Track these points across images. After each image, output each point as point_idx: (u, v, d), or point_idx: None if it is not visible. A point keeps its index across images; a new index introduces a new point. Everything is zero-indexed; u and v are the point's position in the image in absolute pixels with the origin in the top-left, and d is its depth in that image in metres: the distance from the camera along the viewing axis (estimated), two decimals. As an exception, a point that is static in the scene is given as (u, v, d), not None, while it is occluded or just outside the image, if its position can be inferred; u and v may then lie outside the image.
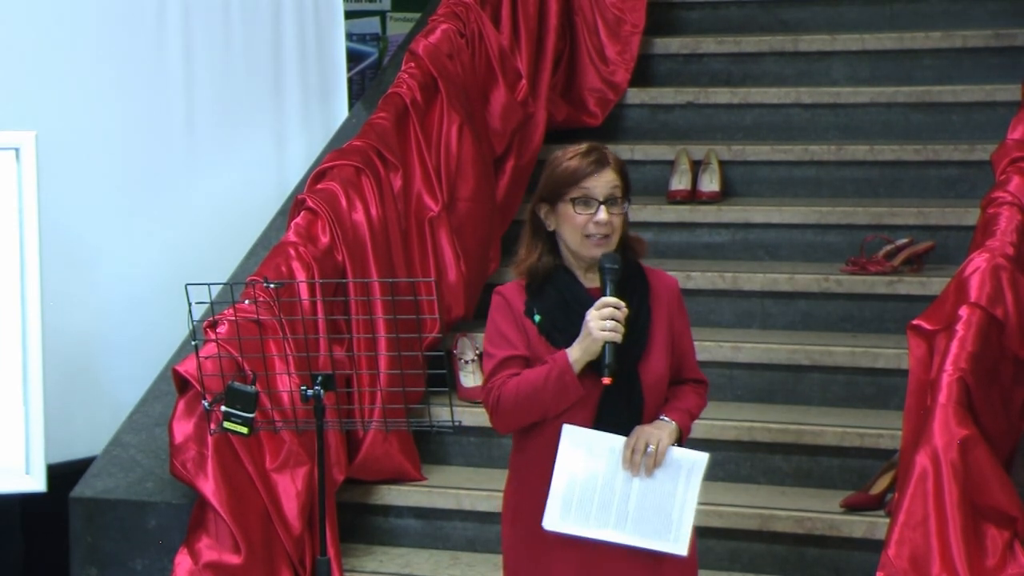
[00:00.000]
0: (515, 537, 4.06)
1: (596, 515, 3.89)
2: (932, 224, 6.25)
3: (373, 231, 5.90)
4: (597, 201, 3.94)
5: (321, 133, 6.89)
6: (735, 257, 6.48)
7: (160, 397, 5.81)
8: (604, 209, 3.94)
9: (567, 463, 3.88)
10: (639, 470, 3.90)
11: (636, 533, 3.89)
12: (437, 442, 5.97)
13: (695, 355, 4.15)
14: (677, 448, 3.94)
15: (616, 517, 3.89)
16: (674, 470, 3.90)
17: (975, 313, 4.88)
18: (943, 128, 6.67)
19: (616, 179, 3.98)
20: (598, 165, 3.96)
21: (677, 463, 3.91)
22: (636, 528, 3.89)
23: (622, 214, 3.98)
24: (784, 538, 5.35)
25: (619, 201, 3.97)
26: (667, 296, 4.05)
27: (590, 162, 3.96)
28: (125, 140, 6.29)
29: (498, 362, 3.96)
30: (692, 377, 4.12)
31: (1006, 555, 4.65)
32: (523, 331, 3.97)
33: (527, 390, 3.89)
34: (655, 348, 3.99)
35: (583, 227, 3.94)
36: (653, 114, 7.07)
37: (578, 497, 3.89)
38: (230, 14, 6.65)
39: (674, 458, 3.91)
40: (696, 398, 4.11)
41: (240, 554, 5.22)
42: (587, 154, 3.98)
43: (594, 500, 3.88)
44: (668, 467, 3.91)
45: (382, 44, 9.03)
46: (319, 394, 4.47)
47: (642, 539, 3.90)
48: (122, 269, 6.23)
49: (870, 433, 5.52)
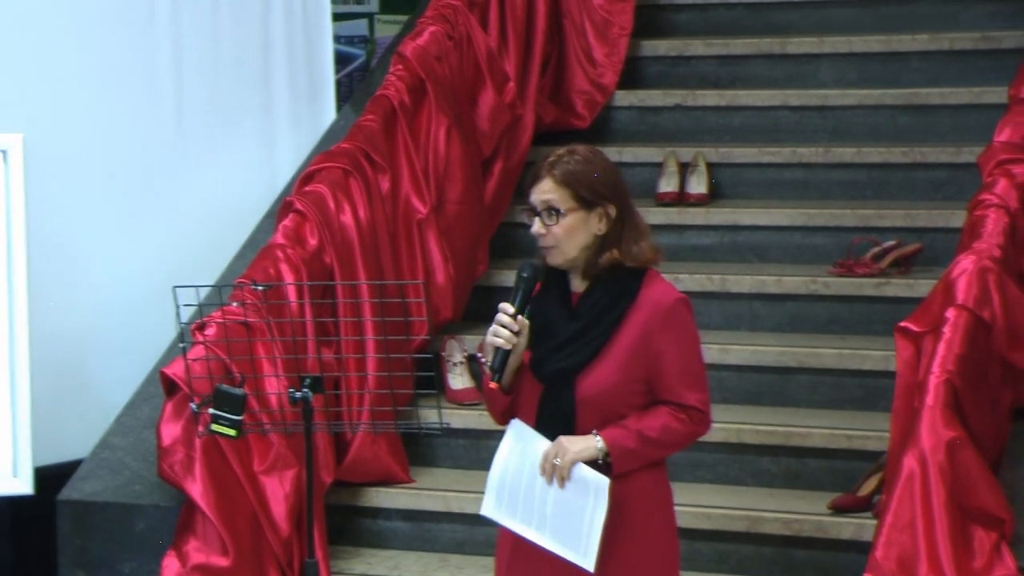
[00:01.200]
0: (502, 537, 4.07)
1: (522, 511, 3.95)
2: (919, 226, 6.26)
3: (361, 233, 5.90)
4: (534, 211, 3.95)
5: (309, 135, 6.89)
6: (723, 259, 6.49)
7: (148, 399, 5.80)
8: (538, 221, 3.93)
9: (505, 454, 3.97)
10: (551, 480, 3.91)
11: (553, 538, 3.92)
12: (425, 444, 5.97)
13: (686, 379, 3.94)
14: (584, 467, 3.89)
15: (537, 518, 3.93)
16: (582, 487, 3.90)
17: (962, 315, 4.89)
18: (930, 130, 6.68)
19: (553, 187, 3.91)
20: (542, 172, 3.94)
21: (584, 481, 3.90)
22: (553, 533, 3.92)
23: (564, 225, 3.90)
24: (772, 540, 5.36)
25: (557, 213, 3.90)
26: (651, 312, 3.92)
27: (538, 169, 3.96)
28: (114, 142, 6.28)
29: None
30: (672, 400, 3.95)
31: (993, 556, 4.66)
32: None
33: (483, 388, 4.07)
34: (607, 360, 3.92)
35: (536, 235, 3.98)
36: (641, 116, 7.07)
37: (508, 489, 3.96)
38: (219, 16, 6.65)
39: (581, 476, 3.90)
40: (668, 420, 3.93)
41: (228, 556, 5.22)
42: (546, 159, 3.97)
43: (519, 496, 3.95)
44: (577, 483, 3.90)
45: (370, 46, 9.02)
46: (307, 396, 4.47)
47: (558, 545, 3.91)
48: (110, 271, 6.22)
49: (858, 435, 5.53)
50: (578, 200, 3.92)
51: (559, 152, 3.98)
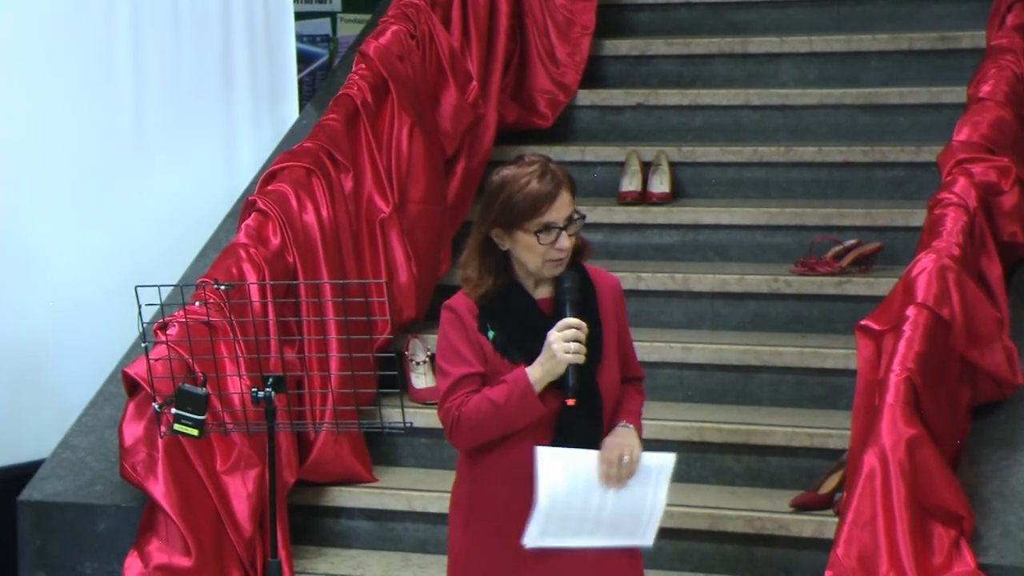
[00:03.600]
0: (469, 542, 4.03)
1: (573, 528, 3.93)
2: (880, 225, 6.29)
3: (324, 233, 5.90)
4: (559, 228, 3.90)
5: (271, 135, 6.88)
6: (685, 258, 6.50)
7: (110, 399, 5.78)
8: (565, 235, 3.91)
9: (548, 485, 3.89)
10: (616, 482, 3.92)
11: (606, 537, 3.95)
12: (388, 443, 5.97)
13: (635, 350, 4.14)
14: (647, 453, 3.97)
15: (591, 527, 3.94)
16: (645, 474, 3.95)
17: (922, 313, 4.92)
18: (890, 130, 6.72)
19: (570, 198, 3.93)
20: (555, 189, 3.89)
21: (647, 468, 3.96)
22: (607, 533, 3.95)
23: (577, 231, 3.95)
24: (734, 538, 5.38)
25: (575, 219, 3.93)
26: (612, 298, 4.04)
27: (547, 188, 3.88)
28: (73, 141, 6.25)
29: (455, 380, 3.93)
30: (634, 375, 4.11)
31: (952, 553, 4.69)
32: (478, 347, 3.94)
33: (488, 409, 3.88)
34: (609, 356, 3.99)
35: (544, 254, 3.92)
36: (603, 115, 7.08)
37: (559, 515, 3.92)
38: (179, 15, 6.63)
39: (645, 464, 3.96)
40: (639, 396, 4.11)
41: (190, 556, 5.20)
42: (541, 176, 3.90)
43: (572, 515, 3.92)
44: (640, 472, 3.94)
45: (332, 46, 9.01)
46: (270, 396, 4.47)
47: (611, 541, 3.96)
48: (71, 271, 6.20)
49: (819, 433, 5.55)
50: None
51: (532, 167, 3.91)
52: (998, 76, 5.84)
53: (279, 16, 7.01)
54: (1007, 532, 4.83)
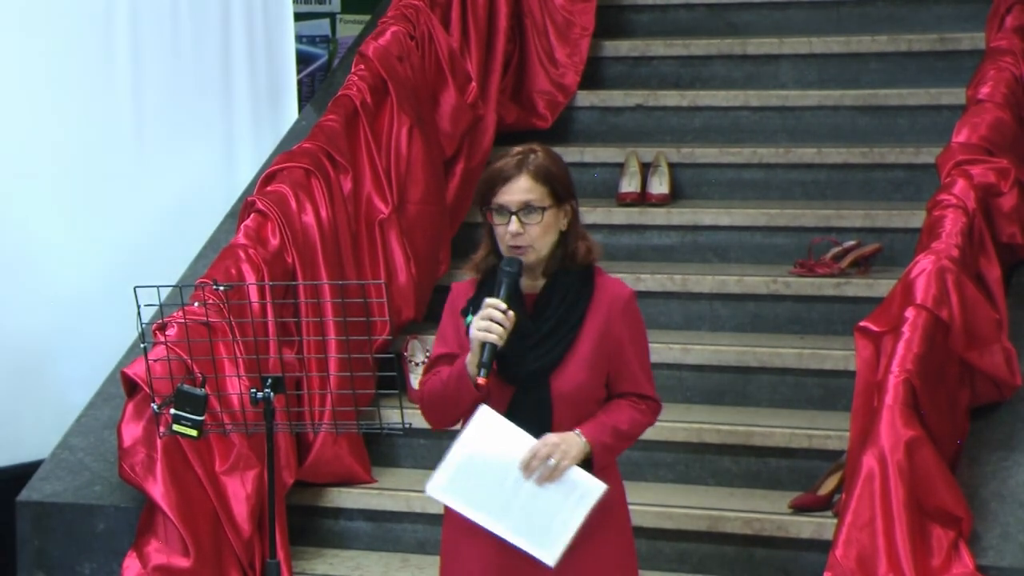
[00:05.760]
0: (458, 542, 4.03)
1: (480, 498, 3.89)
2: (879, 226, 6.29)
3: (323, 233, 5.90)
4: (509, 211, 3.89)
5: (271, 135, 6.88)
6: (684, 259, 6.51)
7: (109, 400, 5.78)
8: (516, 220, 3.87)
9: (471, 440, 3.91)
10: (530, 476, 3.87)
11: (512, 529, 3.89)
12: (387, 444, 5.97)
13: (645, 370, 4.03)
14: (579, 470, 3.90)
15: (499, 507, 3.89)
16: (568, 489, 3.89)
17: (921, 315, 4.92)
18: (889, 131, 6.72)
19: (532, 185, 3.88)
20: (515, 172, 3.88)
21: (573, 484, 3.89)
22: (514, 524, 3.88)
23: (543, 224, 3.88)
24: (733, 539, 5.38)
25: (538, 210, 3.88)
26: (609, 306, 3.96)
27: (507, 170, 3.88)
28: (73, 142, 6.25)
29: (432, 360, 4.03)
30: (634, 391, 4.01)
31: (951, 555, 4.70)
32: (458, 329, 3.98)
33: (439, 389, 3.96)
34: (576, 358, 3.93)
35: (502, 236, 3.92)
36: (602, 116, 7.09)
37: (470, 475, 3.89)
38: (178, 15, 6.63)
39: (572, 478, 3.89)
40: (633, 413, 4.00)
41: (189, 557, 5.21)
42: (516, 160, 3.90)
43: (482, 484, 3.89)
44: (563, 484, 3.88)
45: (332, 46, 9.01)
46: (269, 396, 4.47)
47: (516, 536, 3.89)
48: (71, 271, 6.20)
49: (818, 434, 5.55)
50: (553, 197, 3.92)
51: (518, 150, 3.95)
52: (997, 78, 5.84)
53: (278, 17, 7.01)
54: (1006, 533, 4.84)
